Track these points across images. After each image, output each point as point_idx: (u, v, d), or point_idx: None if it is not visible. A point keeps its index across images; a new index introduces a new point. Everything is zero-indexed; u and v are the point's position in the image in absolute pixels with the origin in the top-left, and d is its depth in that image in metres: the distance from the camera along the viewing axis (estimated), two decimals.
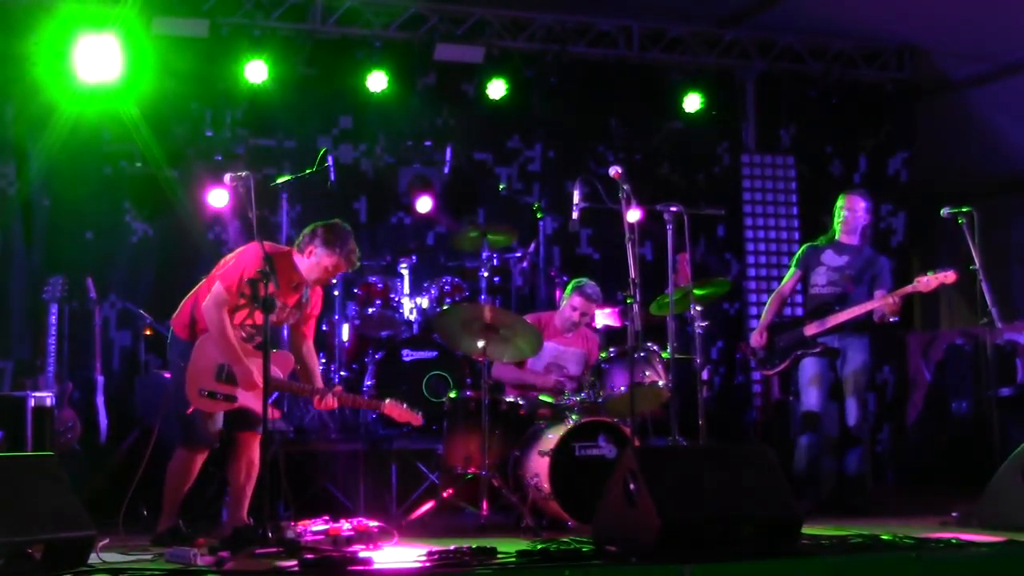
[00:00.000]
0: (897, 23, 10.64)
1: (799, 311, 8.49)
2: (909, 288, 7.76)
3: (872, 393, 10.77)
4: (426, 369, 8.61)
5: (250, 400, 6.22)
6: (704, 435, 7.17)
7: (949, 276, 7.62)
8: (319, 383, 6.52)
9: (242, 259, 6.23)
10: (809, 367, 8.05)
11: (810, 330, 7.99)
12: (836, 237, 8.24)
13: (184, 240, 9.51)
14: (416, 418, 6.57)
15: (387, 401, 6.54)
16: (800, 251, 8.44)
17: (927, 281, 7.65)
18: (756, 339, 8.25)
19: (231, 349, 6.15)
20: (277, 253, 6.28)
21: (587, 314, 7.99)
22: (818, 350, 7.96)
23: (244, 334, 6.32)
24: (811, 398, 8.02)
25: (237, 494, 6.43)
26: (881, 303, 7.80)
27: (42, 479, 5.18)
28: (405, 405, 6.55)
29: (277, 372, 6.23)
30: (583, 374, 7.98)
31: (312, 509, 7.30)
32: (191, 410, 6.17)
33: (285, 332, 7.04)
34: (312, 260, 6.32)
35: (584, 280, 8.07)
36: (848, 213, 8.18)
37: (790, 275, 8.40)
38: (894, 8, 10.30)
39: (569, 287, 8.07)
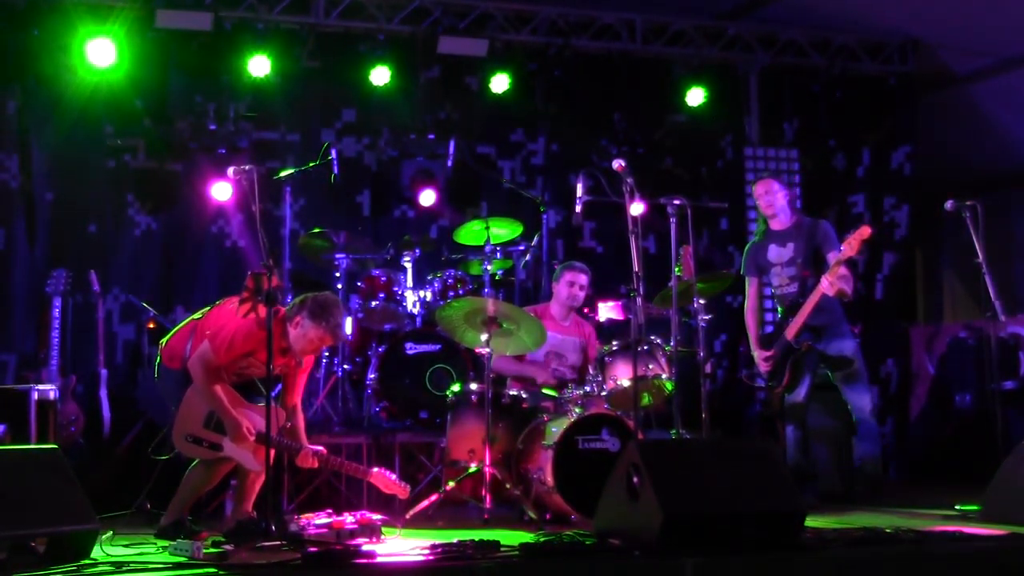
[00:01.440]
0: (900, 17, 10.64)
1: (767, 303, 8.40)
2: (841, 257, 7.59)
3: (876, 386, 10.77)
4: (429, 362, 8.61)
5: (235, 452, 6.24)
6: (707, 429, 7.17)
7: (864, 231, 7.49)
8: (304, 440, 6.54)
9: (240, 330, 6.21)
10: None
11: (790, 333, 7.91)
12: (768, 227, 8.18)
13: (187, 234, 9.52)
14: (403, 490, 6.55)
15: (374, 470, 6.54)
16: (744, 256, 8.29)
17: (848, 244, 7.53)
18: (764, 365, 8.11)
19: (219, 404, 6.17)
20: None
21: (583, 286, 8.07)
22: (804, 348, 7.90)
23: (232, 380, 6.33)
24: (798, 391, 7.98)
25: (246, 489, 6.44)
26: (828, 284, 7.67)
27: (45, 472, 5.19)
28: (393, 476, 6.55)
29: (260, 420, 6.16)
30: (583, 364, 8.00)
31: (315, 502, 7.32)
32: (172, 454, 6.21)
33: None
34: (299, 331, 6.30)
35: (570, 262, 8.25)
36: (768, 198, 8.07)
37: (748, 285, 8.25)
38: (897, 2, 10.30)
39: (556, 272, 8.20)
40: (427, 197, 9.94)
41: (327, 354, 8.70)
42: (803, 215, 8.20)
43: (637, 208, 6.87)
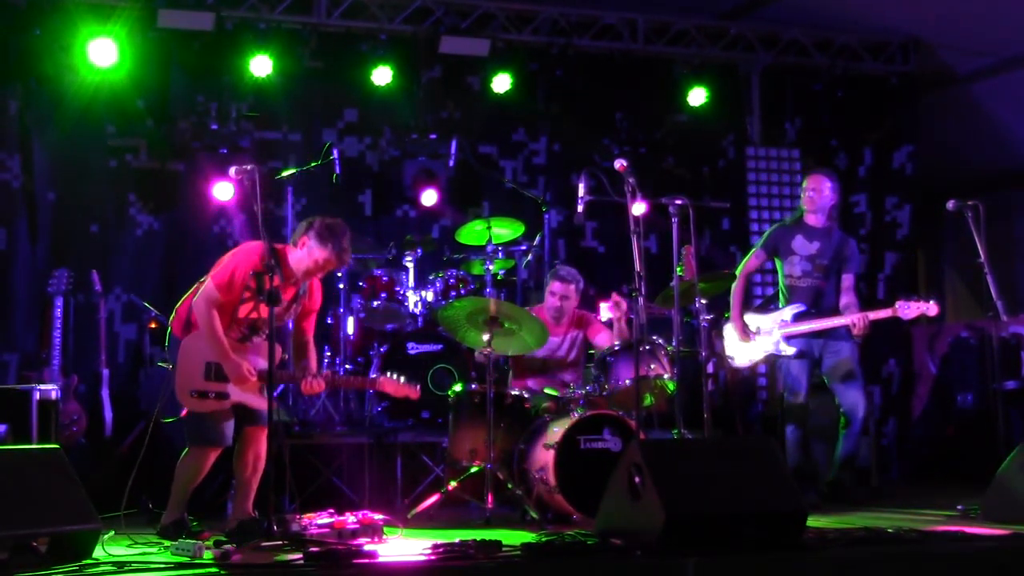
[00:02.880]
0: (901, 17, 10.64)
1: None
2: (886, 312, 7.68)
3: (877, 386, 10.76)
4: (431, 362, 8.61)
5: (242, 396, 6.23)
6: (709, 428, 7.17)
7: (932, 309, 7.57)
8: (312, 370, 6.48)
9: (236, 257, 6.24)
10: (794, 363, 8.00)
11: (786, 333, 7.90)
12: (803, 218, 8.18)
13: (189, 233, 9.51)
14: (414, 391, 6.52)
15: (381, 378, 6.50)
16: (769, 232, 8.29)
17: (906, 310, 7.58)
18: (742, 336, 8.09)
19: (220, 346, 6.15)
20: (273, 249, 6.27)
21: (567, 296, 7.97)
22: (793, 354, 7.91)
23: (242, 332, 6.30)
24: (799, 392, 7.97)
25: (243, 487, 6.43)
26: (852, 320, 7.71)
27: (47, 472, 5.20)
28: (401, 379, 6.49)
29: (261, 362, 6.20)
30: (582, 359, 7.98)
31: (317, 502, 7.31)
32: (184, 412, 6.17)
33: (291, 325, 6.98)
34: (303, 252, 6.29)
35: (557, 267, 8.17)
36: (813, 193, 8.08)
37: (753, 255, 8.22)
38: (898, 2, 10.31)
39: (548, 276, 8.13)
40: (429, 197, 9.94)
41: (329, 354, 8.71)
42: (836, 226, 8.21)
43: (639, 208, 6.86)
